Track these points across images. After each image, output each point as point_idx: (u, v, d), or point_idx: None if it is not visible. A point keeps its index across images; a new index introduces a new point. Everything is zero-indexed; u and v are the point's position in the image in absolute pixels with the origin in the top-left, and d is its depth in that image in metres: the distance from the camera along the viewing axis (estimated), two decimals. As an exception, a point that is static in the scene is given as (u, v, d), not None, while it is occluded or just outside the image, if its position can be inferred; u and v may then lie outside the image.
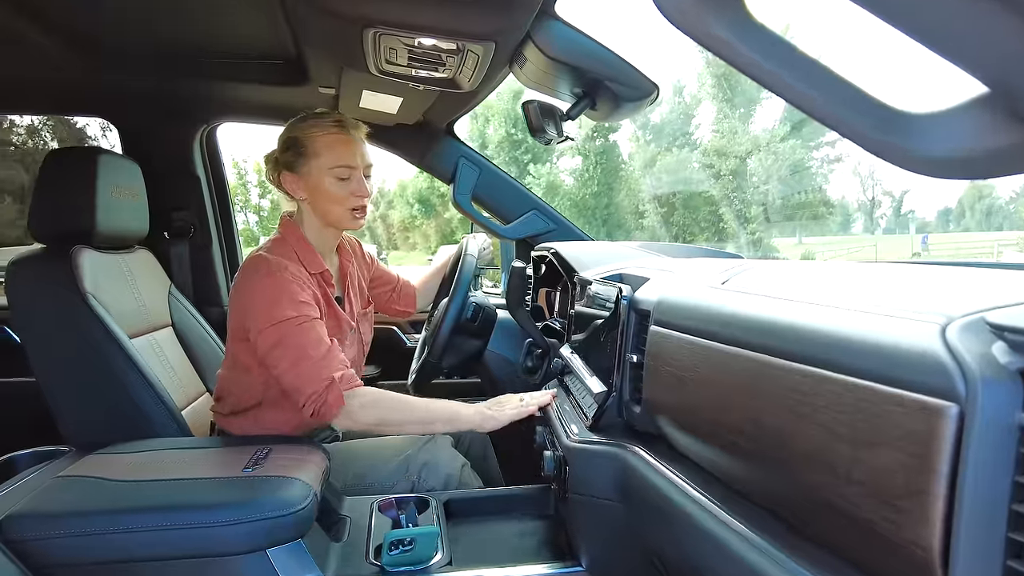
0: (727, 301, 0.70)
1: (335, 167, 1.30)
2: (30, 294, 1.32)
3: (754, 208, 25.41)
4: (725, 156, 25.44)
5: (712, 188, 25.59)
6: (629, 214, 27.07)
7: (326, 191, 1.32)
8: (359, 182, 1.33)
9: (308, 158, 1.31)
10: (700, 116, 28.33)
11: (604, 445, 0.94)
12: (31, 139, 15.48)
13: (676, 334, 0.77)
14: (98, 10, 1.36)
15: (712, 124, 27.05)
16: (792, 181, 25.28)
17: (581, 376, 1.14)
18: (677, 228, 26.05)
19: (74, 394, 1.32)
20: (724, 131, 25.90)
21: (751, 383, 0.59)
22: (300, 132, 1.32)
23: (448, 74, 1.23)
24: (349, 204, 1.33)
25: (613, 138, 27.20)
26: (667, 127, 28.21)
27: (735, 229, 25.66)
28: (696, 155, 26.75)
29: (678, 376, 0.76)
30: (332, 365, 1.21)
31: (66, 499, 0.98)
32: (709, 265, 1.06)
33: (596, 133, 26.40)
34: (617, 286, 1.00)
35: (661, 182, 26.26)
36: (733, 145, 25.49)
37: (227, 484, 1.02)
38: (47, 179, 1.39)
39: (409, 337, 2.12)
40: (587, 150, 26.55)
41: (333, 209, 1.34)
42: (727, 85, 25.67)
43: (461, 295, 1.43)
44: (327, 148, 1.30)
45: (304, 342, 1.20)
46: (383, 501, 1.24)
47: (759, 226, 25.42)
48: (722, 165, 25.41)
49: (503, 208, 1.97)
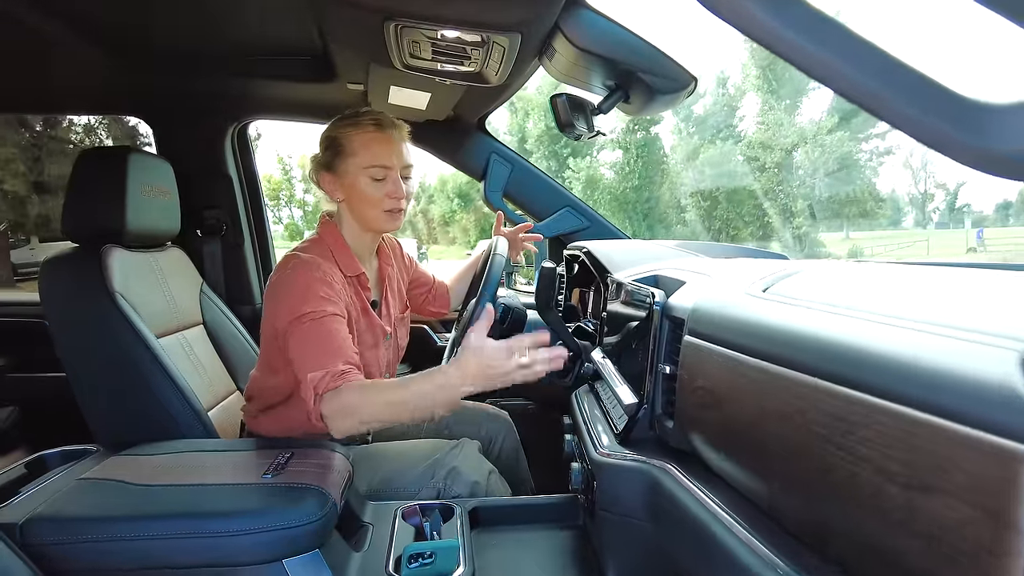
0: (767, 312, 0.64)
1: (370, 166, 1.27)
2: (60, 293, 1.33)
3: (799, 202, 24.73)
4: (770, 149, 24.80)
5: (756, 182, 24.99)
6: (671, 208, 26.64)
7: (361, 192, 1.29)
8: (395, 183, 1.30)
9: (345, 157, 1.29)
10: (744, 108, 27.69)
11: (634, 461, 0.89)
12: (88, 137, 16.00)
13: (711, 346, 0.71)
14: (129, 12, 1.36)
15: (757, 116, 26.40)
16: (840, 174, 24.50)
17: (611, 384, 1.08)
18: (720, 222, 25.53)
19: (101, 393, 1.32)
20: (769, 123, 25.23)
21: (791, 407, 0.53)
22: (338, 131, 1.30)
23: (474, 68, 1.19)
24: (384, 205, 1.30)
25: (655, 130, 26.77)
26: (710, 119, 27.65)
27: (780, 224, 25.03)
28: (740, 148, 26.16)
29: (712, 392, 0.70)
30: (328, 361, 1.12)
31: (86, 503, 0.97)
32: (750, 268, 0.99)
33: (637, 126, 26.04)
34: (650, 291, 0.94)
35: (704, 175, 25.77)
36: (778, 137, 24.83)
37: (245, 492, 1.00)
38: (79, 179, 1.39)
39: (440, 336, 2.09)
40: (628, 143, 26.20)
41: (368, 211, 1.31)
42: (772, 76, 24.99)
43: (488, 297, 1.38)
44: (363, 147, 1.27)
45: (309, 339, 1.15)
46: (407, 508, 1.20)
47: (805, 220, 24.74)
48: (767, 158, 24.78)
49: (535, 205, 1.92)
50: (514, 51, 1.10)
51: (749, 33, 0.40)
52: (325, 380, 1.09)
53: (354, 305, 1.31)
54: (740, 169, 25.77)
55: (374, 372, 1.38)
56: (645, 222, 25.97)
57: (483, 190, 1.89)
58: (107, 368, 1.31)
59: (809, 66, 0.39)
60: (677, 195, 26.47)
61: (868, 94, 0.37)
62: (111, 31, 1.47)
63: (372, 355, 1.37)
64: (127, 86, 1.79)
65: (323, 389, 1.09)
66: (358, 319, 1.33)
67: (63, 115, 12.67)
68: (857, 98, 0.37)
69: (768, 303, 0.67)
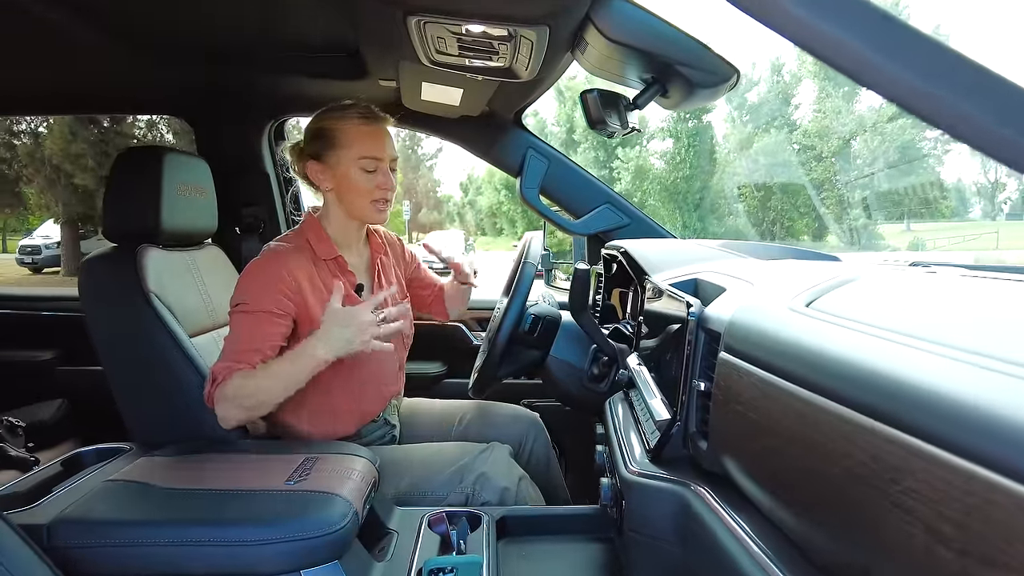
0: (807, 331, 0.58)
1: (362, 158, 1.31)
2: (97, 292, 1.35)
3: (857, 192, 23.81)
4: (827, 137, 23.94)
5: (812, 171, 24.16)
6: (722, 198, 26.01)
7: (352, 183, 1.32)
8: (385, 174, 1.34)
9: (336, 148, 1.32)
10: (800, 95, 26.76)
11: (665, 481, 0.83)
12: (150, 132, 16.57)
13: (747, 366, 0.65)
14: (167, 12, 1.36)
15: (813, 103, 25.49)
16: (901, 163, 23.46)
17: (645, 395, 1.03)
18: (774, 213, 24.81)
19: (135, 392, 1.34)
20: (826, 111, 24.31)
21: (831, 443, 0.48)
22: (329, 122, 1.33)
23: (503, 63, 1.14)
24: (373, 196, 1.34)
25: (707, 119, 26.16)
26: (764, 107, 26.83)
27: (837, 214, 24.17)
28: (795, 136, 25.32)
29: (748, 418, 0.64)
30: (238, 357, 1.18)
31: (110, 506, 0.97)
32: (796, 274, 0.92)
33: (689, 115, 25.50)
34: (685, 299, 0.88)
35: (757, 165, 25.05)
36: (836, 126, 23.94)
37: (267, 499, 0.98)
38: (116, 179, 1.41)
39: (475, 335, 2.06)
40: (679, 132, 25.65)
41: (357, 201, 1.34)
42: (830, 62, 24.04)
43: (517, 306, 1.34)
44: (356, 139, 1.31)
45: (237, 330, 1.22)
46: (433, 516, 1.17)
47: (862, 212, 23.81)
48: (823, 147, 23.92)
49: (573, 201, 1.87)
50: (543, 45, 1.05)
51: (787, 32, 0.34)
52: (224, 373, 1.16)
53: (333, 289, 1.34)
54: (795, 159, 24.96)
55: (364, 355, 1.35)
56: (696, 213, 25.40)
57: (519, 187, 1.84)
58: (140, 368, 1.32)
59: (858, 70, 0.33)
60: (730, 185, 25.83)
61: (926, 98, 0.31)
62: (150, 32, 1.48)
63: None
64: (166, 86, 1.81)
65: (223, 379, 1.15)
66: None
67: (108, 115, 13.12)
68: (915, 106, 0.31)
69: (810, 320, 0.61)
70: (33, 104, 2.19)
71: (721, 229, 25.13)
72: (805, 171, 24.42)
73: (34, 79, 1.80)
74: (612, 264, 1.62)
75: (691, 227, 24.41)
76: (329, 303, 1.16)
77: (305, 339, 1.17)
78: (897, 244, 23.71)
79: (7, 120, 17.54)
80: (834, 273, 0.81)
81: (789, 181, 24.71)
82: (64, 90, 1.91)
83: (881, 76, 0.31)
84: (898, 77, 0.31)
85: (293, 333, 1.30)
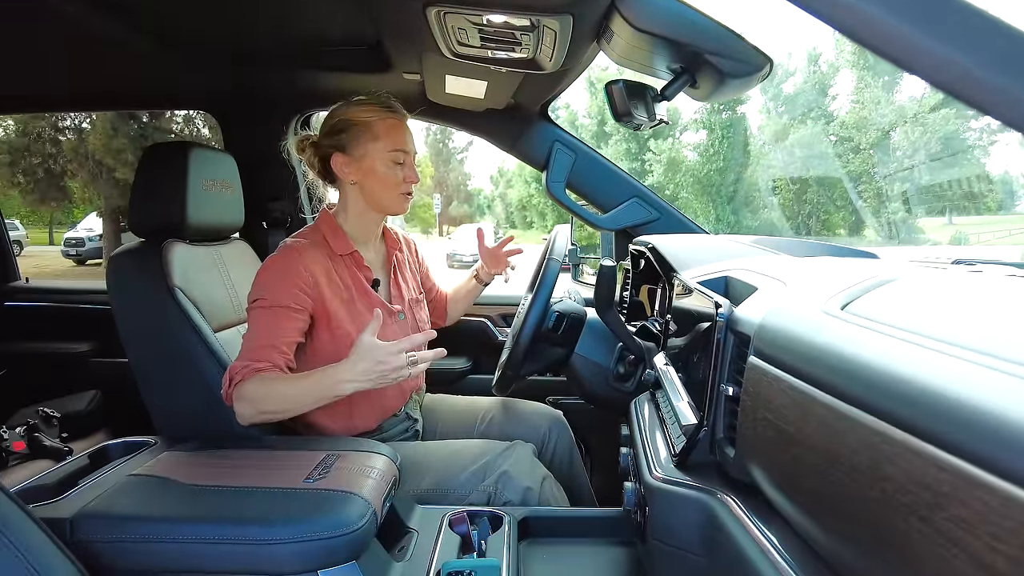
0: (842, 336, 0.54)
1: (393, 151, 1.33)
2: (123, 286, 1.36)
3: (897, 185, 23.13)
4: (865, 129, 23.30)
5: (850, 163, 23.56)
6: (757, 191, 25.54)
7: (381, 175, 1.33)
8: (411, 168, 1.37)
9: (365, 141, 1.33)
10: (838, 86, 26.10)
11: (691, 488, 0.80)
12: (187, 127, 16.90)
13: (777, 372, 0.62)
14: (190, 10, 1.37)
15: (851, 94, 24.81)
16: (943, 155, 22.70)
17: (671, 397, 0.99)
18: (810, 206, 24.26)
19: (160, 387, 1.35)
20: (864, 101, 23.65)
21: (866, 460, 0.44)
22: (355, 115, 1.34)
23: (527, 54, 1.11)
24: (401, 189, 1.36)
25: (741, 110, 25.70)
26: (800, 98, 26.24)
27: (875, 208, 23.53)
28: (832, 128, 24.71)
29: (777, 426, 0.61)
30: (255, 355, 1.18)
31: (132, 501, 0.98)
32: (831, 274, 0.88)
33: (723, 106, 25.08)
34: (714, 299, 0.84)
35: (793, 157, 24.52)
36: (874, 116, 23.28)
37: (285, 497, 0.98)
38: (142, 174, 1.41)
39: (500, 331, 2.04)
40: (712, 123, 25.23)
41: (385, 193, 1.35)
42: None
43: (541, 303, 1.31)
44: (385, 132, 1.33)
45: (255, 326, 1.23)
46: (455, 515, 1.16)
47: (902, 205, 23.13)
48: (861, 138, 23.29)
49: (600, 195, 1.83)
50: (567, 35, 1.01)
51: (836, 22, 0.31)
52: (242, 372, 1.16)
53: (350, 284, 1.35)
54: (832, 150, 24.36)
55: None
56: (730, 206, 24.99)
57: (544, 181, 1.81)
58: (166, 362, 1.33)
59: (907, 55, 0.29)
60: (764, 178, 25.34)
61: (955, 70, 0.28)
62: (177, 30, 1.50)
63: (379, 333, 1.35)
64: (193, 83, 1.82)
65: (238, 379, 1.15)
66: (357, 298, 1.36)
67: (136, 111, 13.41)
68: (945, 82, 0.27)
69: (845, 324, 0.57)
70: (69, 101, 2.23)
71: (755, 223, 24.70)
72: (842, 163, 23.83)
73: (70, 78, 1.84)
74: (640, 260, 1.58)
75: (724, 220, 24.04)
76: (362, 335, 1.11)
77: (336, 364, 1.13)
78: (938, 238, 22.96)
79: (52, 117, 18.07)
80: (871, 273, 0.76)
81: (825, 174, 24.15)
82: (99, 88, 1.94)
83: (931, 60, 0.27)
84: (949, 61, 0.27)
85: (310, 329, 1.30)
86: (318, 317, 1.30)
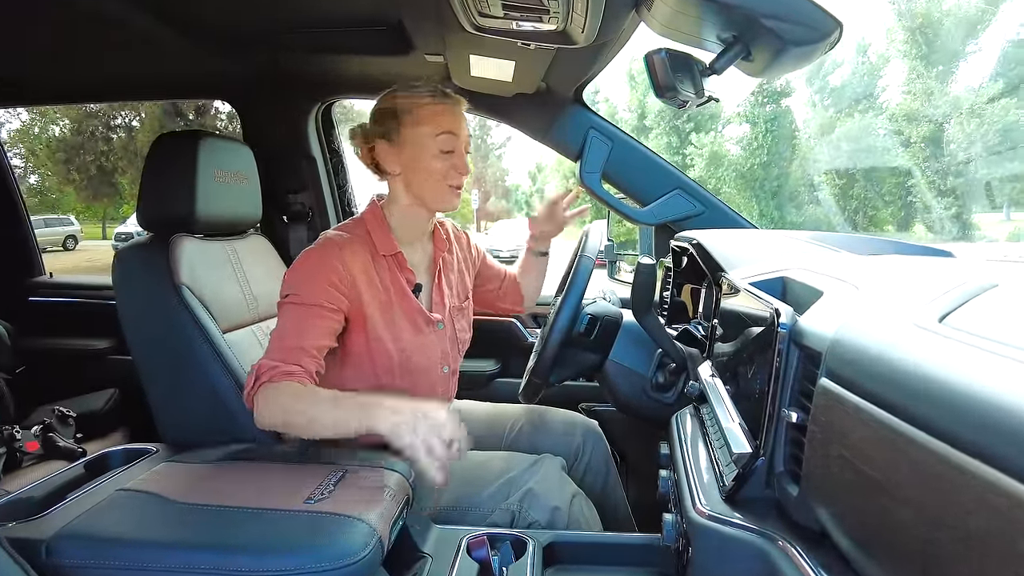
0: (947, 359, 0.42)
1: (440, 134, 1.19)
2: (127, 283, 1.29)
3: (950, 179, 22.19)
4: (917, 121, 22.42)
5: (899, 157, 22.71)
6: (802, 186, 24.86)
7: (426, 164, 1.21)
8: (461, 157, 1.23)
9: (409, 127, 1.21)
10: (888, 77, 25.17)
11: (743, 529, 0.67)
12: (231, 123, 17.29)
13: (858, 401, 0.49)
14: None
15: (902, 85, 23.91)
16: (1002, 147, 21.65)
17: (719, 416, 0.86)
18: (856, 202, 23.51)
19: (164, 390, 1.28)
20: (917, 92, 22.72)
21: (988, 527, 0.32)
22: (401, 100, 1.21)
23: (556, 25, 0.98)
24: (449, 180, 1.22)
25: (785, 103, 25.06)
26: (848, 90, 25.43)
27: (925, 203, 22.63)
28: (881, 121, 23.85)
29: (857, 467, 0.48)
30: (286, 356, 1.08)
31: (117, 521, 0.89)
32: (912, 276, 0.74)
33: (766, 98, 24.49)
34: (773, 305, 0.71)
35: (839, 151, 23.77)
36: (928, 108, 22.37)
37: (283, 520, 0.87)
38: (151, 165, 1.34)
39: (530, 332, 1.93)
40: (756, 116, 24.66)
41: (430, 185, 1.23)
42: (923, 40, 22.46)
43: (572, 305, 1.19)
44: (431, 117, 1.20)
45: (285, 323, 1.13)
46: (473, 539, 1.05)
47: (956, 200, 22.17)
48: (913, 131, 22.42)
49: (640, 187, 1.69)
50: (600, 1, 0.89)
51: None
52: (270, 372, 1.05)
53: (389, 286, 1.24)
54: (881, 144, 23.53)
55: (417, 359, 1.25)
56: (773, 201, 24.41)
57: (578, 172, 1.68)
58: (170, 364, 1.26)
59: None
60: (809, 172, 24.65)
61: None
62: (191, 15, 1.42)
63: (415, 341, 1.25)
64: (210, 69, 1.75)
65: (265, 379, 1.05)
66: (395, 302, 1.24)
67: (152, 101, 13.66)
68: None
69: (948, 343, 0.44)
70: (77, 92, 2.17)
71: (800, 219, 24.09)
72: (891, 157, 23.02)
73: (77, 66, 1.79)
74: (682, 257, 1.44)
75: (768, 216, 23.52)
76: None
77: (380, 401, 1.00)
78: (995, 235, 21.98)
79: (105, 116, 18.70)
80: (963, 277, 0.62)
81: (873, 167, 23.36)
82: (108, 77, 1.90)
83: None
84: None
85: (344, 331, 1.20)
86: (353, 319, 1.19)
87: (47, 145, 18.86)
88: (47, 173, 19.70)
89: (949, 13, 22.56)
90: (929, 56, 22.91)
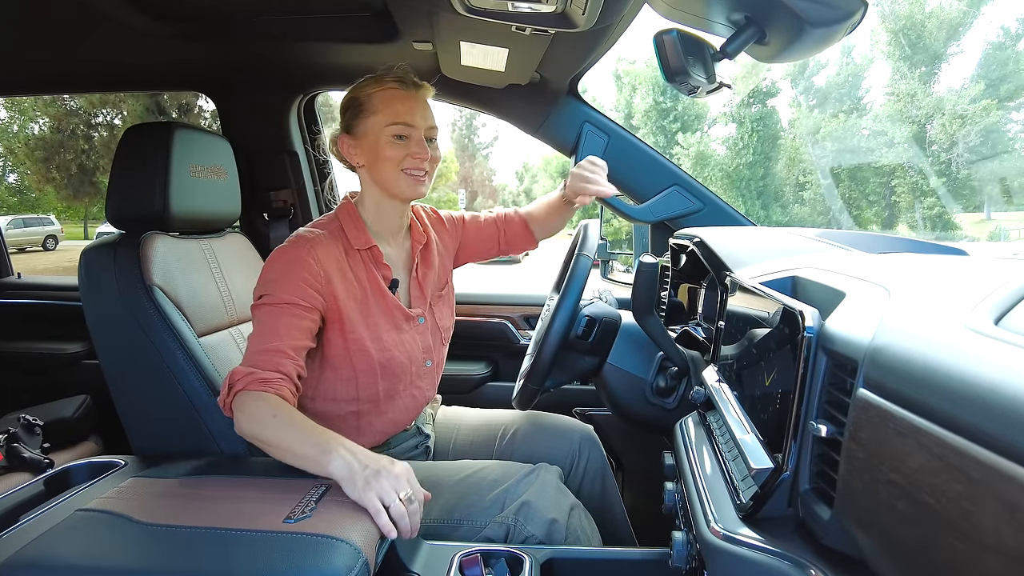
0: (1016, 365, 0.36)
1: (391, 124, 1.17)
2: (95, 285, 1.20)
3: (932, 179, 22.41)
4: (899, 122, 22.65)
5: (883, 157, 22.91)
6: (787, 186, 25.02)
7: (382, 153, 1.18)
8: (418, 143, 1.19)
9: (365, 117, 1.19)
10: (872, 78, 25.47)
11: (765, 552, 0.61)
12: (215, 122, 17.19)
13: (912, 418, 0.42)
14: None
15: (886, 86, 24.16)
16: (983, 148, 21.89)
17: (731, 426, 0.80)
18: (841, 201, 23.74)
19: (134, 398, 1.20)
20: (900, 94, 22.98)
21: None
22: (358, 92, 1.21)
23: (554, 6, 0.91)
24: (405, 165, 1.18)
25: (771, 103, 25.27)
26: (833, 91, 25.67)
27: (908, 202, 22.83)
28: (865, 121, 24.06)
29: (913, 498, 0.42)
30: (261, 361, 1.03)
31: (74, 547, 0.81)
32: (943, 274, 0.68)
33: (752, 99, 24.64)
34: (794, 307, 0.65)
35: (824, 151, 23.96)
36: (910, 109, 22.59)
37: (260, 543, 0.80)
38: (122, 158, 1.26)
39: (522, 334, 1.85)
40: (742, 116, 24.84)
41: (388, 173, 1.19)
42: (906, 42, 22.70)
43: (569, 306, 1.12)
44: (384, 105, 1.18)
45: (260, 326, 1.08)
46: (466, 557, 0.98)
47: (937, 200, 22.39)
48: (896, 132, 22.64)
49: (637, 183, 1.63)
50: (605, -22, 0.82)
51: None
52: (247, 380, 1.00)
53: (365, 283, 1.21)
54: (865, 144, 23.75)
55: (398, 357, 1.21)
56: (759, 200, 24.57)
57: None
58: (140, 371, 1.18)
59: None
60: (794, 172, 24.82)
61: None
62: (165, 1, 1.35)
63: (394, 339, 1.22)
64: (186, 59, 1.66)
65: (240, 387, 1.00)
66: (372, 299, 1.21)
67: (127, 92, 13.50)
68: None
69: (1013, 349, 0.38)
70: (47, 83, 2.04)
71: (785, 218, 24.28)
72: (875, 158, 23.23)
73: (51, 57, 1.69)
74: (680, 256, 1.38)
75: (754, 215, 23.69)
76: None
77: (338, 445, 0.94)
78: (976, 234, 22.23)
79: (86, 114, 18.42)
80: (1004, 276, 0.56)
81: (857, 167, 23.57)
82: (79, 68, 1.80)
83: None
84: None
85: (321, 332, 1.15)
86: (330, 318, 1.15)
87: (26, 143, 18.56)
88: (26, 172, 19.39)
89: (932, 15, 22.83)
90: (912, 57, 23.18)
